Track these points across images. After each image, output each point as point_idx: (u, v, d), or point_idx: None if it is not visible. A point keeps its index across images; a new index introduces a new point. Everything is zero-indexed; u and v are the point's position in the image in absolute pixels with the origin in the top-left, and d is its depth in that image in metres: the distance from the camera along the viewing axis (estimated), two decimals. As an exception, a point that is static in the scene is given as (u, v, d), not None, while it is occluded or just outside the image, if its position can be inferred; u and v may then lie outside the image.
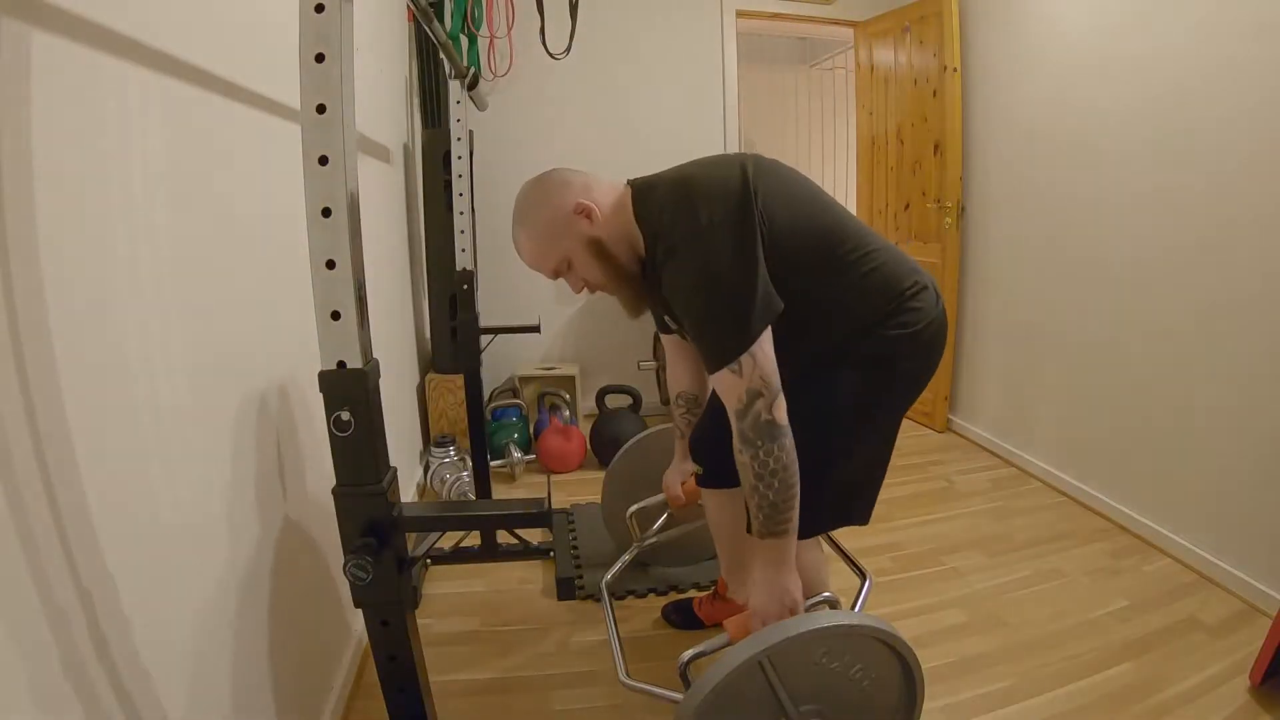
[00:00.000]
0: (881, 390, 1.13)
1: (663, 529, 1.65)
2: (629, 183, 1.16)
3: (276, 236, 1.19)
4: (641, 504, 1.58)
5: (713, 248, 0.99)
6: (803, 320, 1.07)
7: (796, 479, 0.99)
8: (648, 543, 1.63)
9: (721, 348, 0.98)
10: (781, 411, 0.97)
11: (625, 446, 1.80)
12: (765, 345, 0.99)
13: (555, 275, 1.16)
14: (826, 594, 1.15)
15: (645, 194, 1.11)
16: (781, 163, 1.16)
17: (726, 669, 0.90)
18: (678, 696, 1.16)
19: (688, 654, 1.08)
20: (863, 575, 1.42)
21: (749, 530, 1.04)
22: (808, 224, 1.08)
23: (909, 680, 1.01)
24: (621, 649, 1.31)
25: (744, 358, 0.97)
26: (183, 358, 0.90)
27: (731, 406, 0.99)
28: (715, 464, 1.44)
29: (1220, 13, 1.80)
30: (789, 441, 0.98)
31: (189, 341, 0.92)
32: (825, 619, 0.94)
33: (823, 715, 0.98)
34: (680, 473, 1.50)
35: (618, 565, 1.58)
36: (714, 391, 1.53)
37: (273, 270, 1.19)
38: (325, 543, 1.37)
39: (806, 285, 1.06)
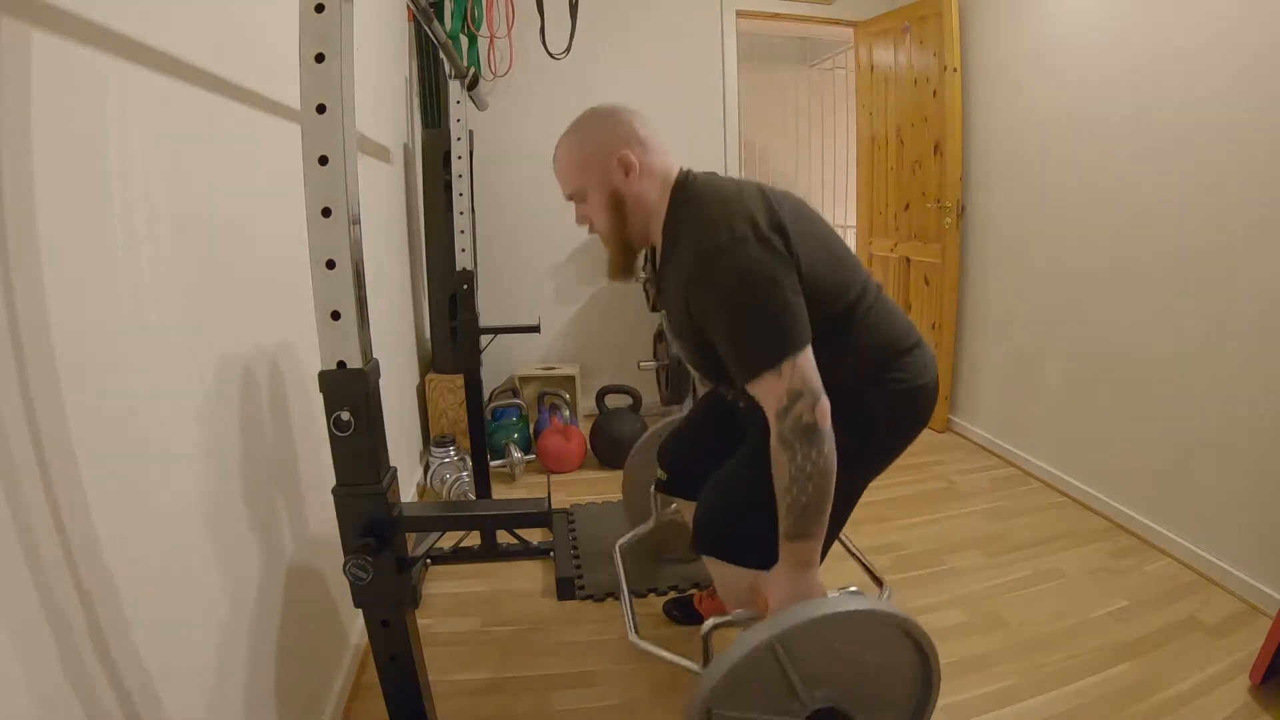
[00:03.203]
0: (863, 442, 1.09)
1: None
2: (681, 171, 1.13)
3: (277, 237, 1.19)
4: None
5: (757, 260, 0.97)
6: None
7: (832, 484, 0.96)
8: (667, 518, 1.65)
9: (761, 353, 0.96)
10: (824, 415, 0.95)
11: (655, 426, 1.81)
12: (807, 352, 0.97)
13: (569, 198, 1.15)
14: (852, 587, 1.15)
15: (688, 192, 1.09)
16: (808, 205, 1.15)
17: (739, 653, 0.89)
18: (681, 660, 1.18)
19: (710, 622, 1.10)
20: (880, 583, 1.42)
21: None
22: (828, 271, 1.06)
23: (925, 669, 1.00)
24: (633, 610, 1.33)
25: (785, 362, 0.95)
26: (183, 358, 0.90)
27: (771, 408, 0.96)
28: (679, 472, 1.44)
29: (1222, 13, 1.80)
30: (829, 447, 0.95)
31: (189, 342, 0.92)
32: (839, 604, 0.93)
33: (835, 701, 0.97)
34: None
35: (633, 533, 1.61)
36: (701, 398, 1.53)
37: (273, 270, 1.19)
38: (326, 543, 1.37)
39: (818, 329, 1.03)
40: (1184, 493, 1.99)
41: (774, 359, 0.95)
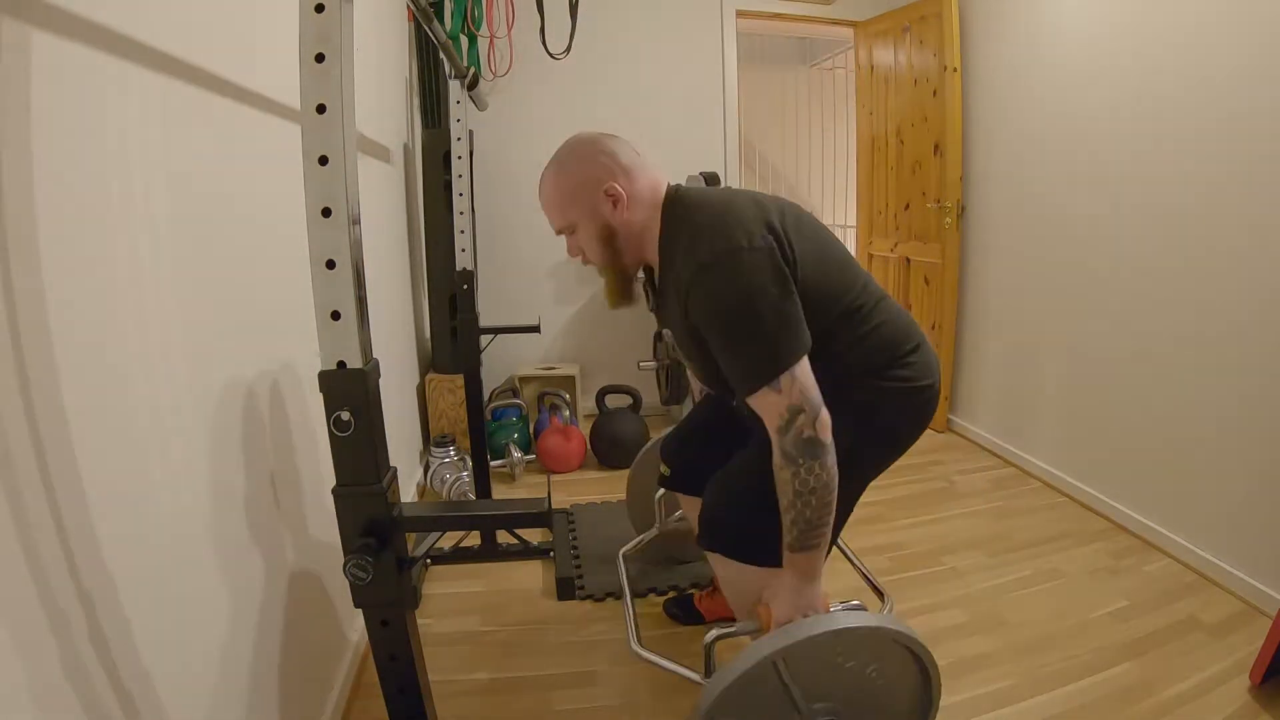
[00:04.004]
0: (864, 442, 1.10)
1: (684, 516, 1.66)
2: (670, 187, 1.13)
3: (278, 237, 1.19)
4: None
5: (754, 270, 0.97)
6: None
7: (835, 496, 0.96)
8: (670, 525, 1.64)
9: (760, 367, 0.96)
10: (825, 428, 0.95)
11: (661, 433, 1.80)
12: (804, 364, 0.97)
13: (559, 232, 1.15)
14: (854, 601, 1.16)
15: (679, 209, 1.09)
16: (804, 210, 1.15)
17: (740, 668, 0.90)
18: (684, 670, 1.18)
19: (713, 634, 1.10)
20: (882, 596, 1.42)
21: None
22: (826, 276, 1.06)
23: (925, 682, 1.01)
24: (635, 619, 1.33)
25: (783, 376, 0.95)
26: (183, 358, 0.90)
27: (772, 424, 0.96)
28: (682, 468, 1.44)
29: (1221, 13, 1.80)
30: (831, 459, 0.95)
31: (189, 341, 0.92)
32: (840, 621, 0.94)
33: (835, 714, 0.98)
34: None
35: (637, 540, 1.62)
36: (704, 397, 1.54)
37: (273, 270, 1.19)
38: (326, 543, 1.37)
39: (816, 334, 1.03)
40: (1184, 493, 1.99)
41: (772, 373, 0.95)
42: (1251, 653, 1.48)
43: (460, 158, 2.02)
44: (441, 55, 2.21)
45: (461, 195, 2.02)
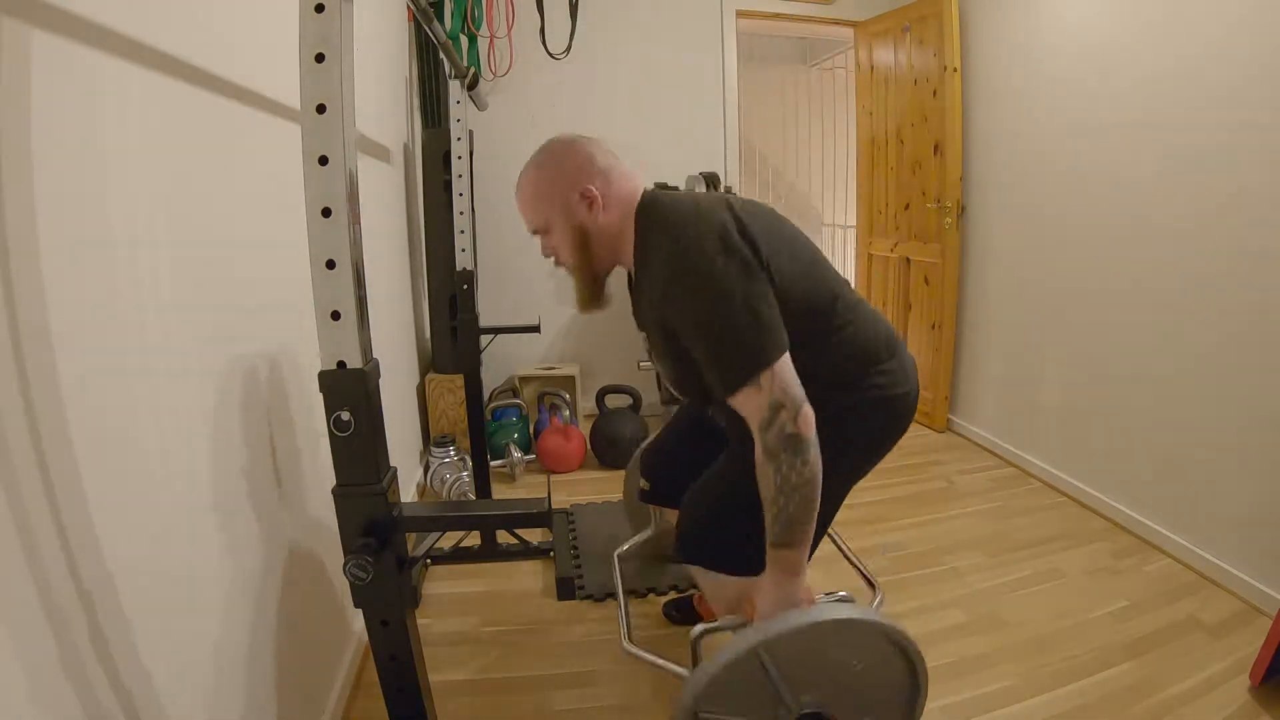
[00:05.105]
0: (842, 450, 1.07)
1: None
2: (645, 191, 1.13)
3: (278, 236, 1.19)
4: None
5: (728, 275, 0.97)
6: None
7: (818, 492, 0.96)
8: (665, 525, 1.64)
9: (739, 367, 0.96)
10: (807, 424, 0.94)
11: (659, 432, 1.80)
12: (785, 360, 0.97)
13: (533, 232, 1.15)
14: (842, 592, 1.16)
15: (653, 213, 1.08)
16: (773, 210, 1.14)
17: (725, 659, 0.91)
18: (674, 666, 1.19)
19: (699, 628, 1.12)
20: (873, 587, 1.42)
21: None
22: (800, 279, 1.06)
23: (912, 675, 1.01)
24: (628, 618, 1.33)
25: (763, 373, 0.94)
26: (183, 357, 0.90)
27: (754, 421, 0.96)
28: (661, 481, 1.44)
29: (1224, 16, 1.80)
30: (814, 455, 0.95)
31: (190, 341, 0.92)
32: (822, 613, 0.94)
33: (822, 706, 0.98)
34: None
35: (633, 540, 1.61)
36: (680, 409, 1.53)
37: (274, 270, 1.19)
38: (325, 542, 1.37)
39: (792, 340, 1.02)
40: (1184, 493, 1.99)
41: (751, 372, 0.95)
42: (1251, 653, 1.48)
43: (460, 158, 2.02)
44: (441, 55, 2.21)
45: (461, 195, 2.02)
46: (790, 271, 1.04)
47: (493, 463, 2.46)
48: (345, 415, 0.79)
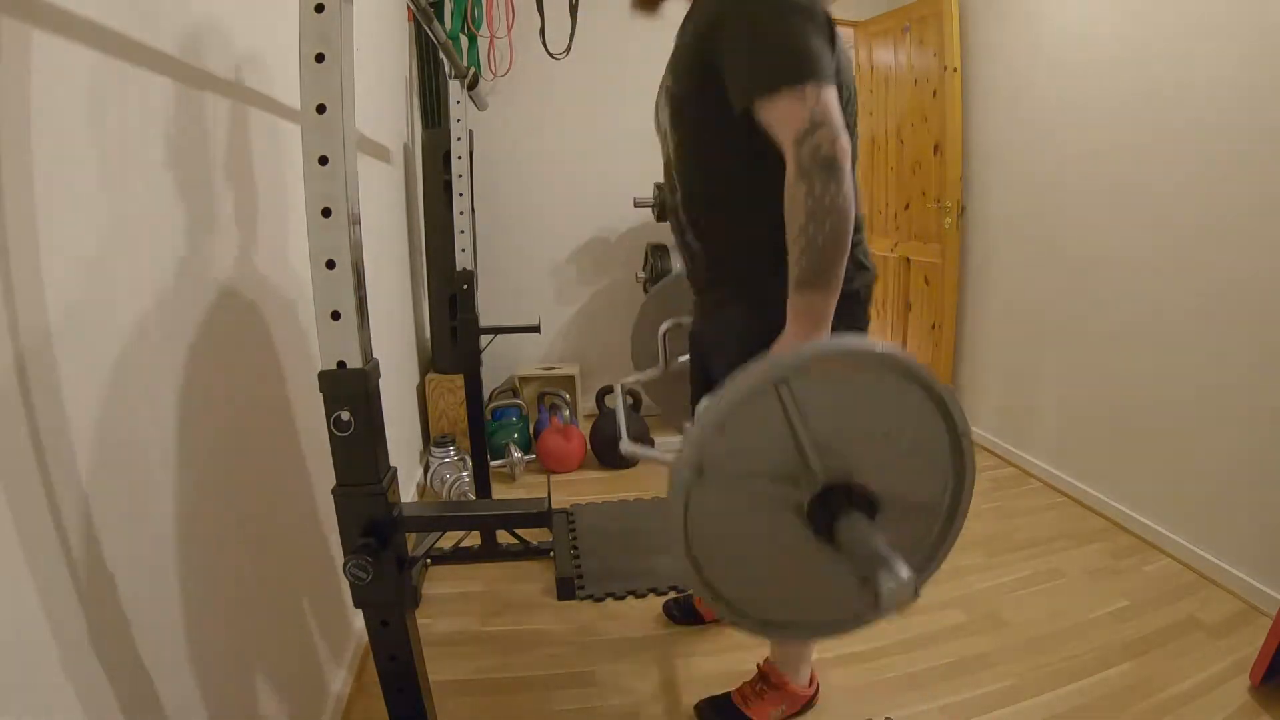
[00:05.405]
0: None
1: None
2: None
3: (278, 236, 1.19)
4: (674, 321, 1.54)
5: (799, 10, 0.89)
6: (766, 186, 0.94)
7: (850, 228, 0.88)
8: (676, 366, 1.59)
9: (786, 68, 0.86)
10: (844, 153, 0.85)
11: (671, 275, 1.72)
12: (832, 90, 0.88)
13: None
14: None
15: None
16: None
17: (740, 388, 0.75)
18: (668, 456, 0.98)
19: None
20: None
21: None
22: (848, 110, 0.98)
23: (957, 448, 0.85)
24: (627, 426, 1.35)
25: (809, 83, 0.85)
26: (183, 357, 0.90)
27: (789, 134, 0.87)
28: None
29: (1224, 16, 1.80)
30: (848, 186, 0.86)
31: (190, 341, 0.92)
32: (856, 343, 0.83)
33: (849, 478, 0.80)
34: None
35: (640, 374, 1.59)
36: (691, 364, 1.40)
37: (273, 270, 1.19)
38: (325, 542, 1.37)
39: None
40: (1184, 493, 1.99)
41: (798, 77, 0.86)
42: (1251, 653, 1.48)
43: (460, 158, 2.02)
44: (441, 55, 2.21)
45: (461, 195, 2.02)
46: (844, 93, 0.96)
47: (493, 463, 2.46)
48: (345, 415, 0.79)
